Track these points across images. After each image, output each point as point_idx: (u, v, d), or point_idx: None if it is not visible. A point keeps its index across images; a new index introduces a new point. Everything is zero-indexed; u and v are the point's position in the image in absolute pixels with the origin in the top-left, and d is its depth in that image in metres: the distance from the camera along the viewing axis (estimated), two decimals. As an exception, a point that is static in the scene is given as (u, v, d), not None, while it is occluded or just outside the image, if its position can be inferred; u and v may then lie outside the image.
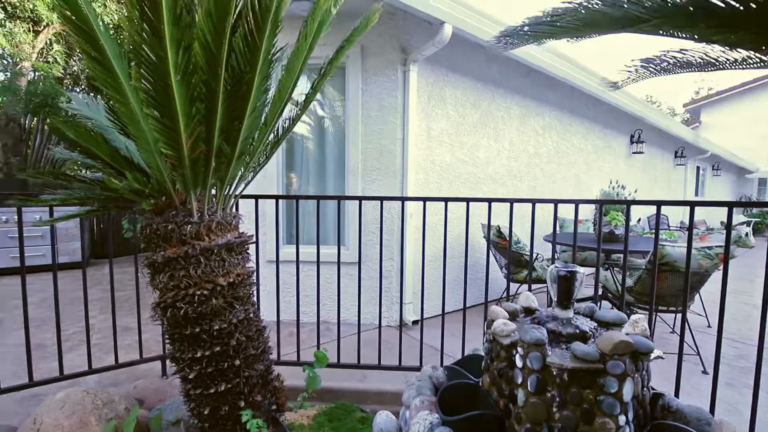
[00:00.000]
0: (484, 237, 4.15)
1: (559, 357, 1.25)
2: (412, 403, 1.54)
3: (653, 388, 1.52)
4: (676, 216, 10.39)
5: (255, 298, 2.21)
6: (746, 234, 11.94)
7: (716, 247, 3.29)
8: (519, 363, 1.34)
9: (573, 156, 5.97)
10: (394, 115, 3.69)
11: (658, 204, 2.19)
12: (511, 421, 1.38)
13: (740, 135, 16.45)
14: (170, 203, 1.93)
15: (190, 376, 1.94)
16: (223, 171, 1.93)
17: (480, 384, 1.59)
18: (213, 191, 2.01)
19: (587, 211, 6.58)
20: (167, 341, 2.02)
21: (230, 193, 2.12)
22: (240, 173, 2.11)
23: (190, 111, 1.63)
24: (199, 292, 1.87)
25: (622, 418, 1.25)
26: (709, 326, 4.20)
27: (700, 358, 3.34)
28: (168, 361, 2.60)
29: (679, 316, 3.93)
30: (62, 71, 8.05)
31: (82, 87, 8.50)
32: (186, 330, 1.91)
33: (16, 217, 5.60)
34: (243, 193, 2.56)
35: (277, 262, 2.73)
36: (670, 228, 9.12)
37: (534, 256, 3.66)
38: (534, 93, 5.07)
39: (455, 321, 3.04)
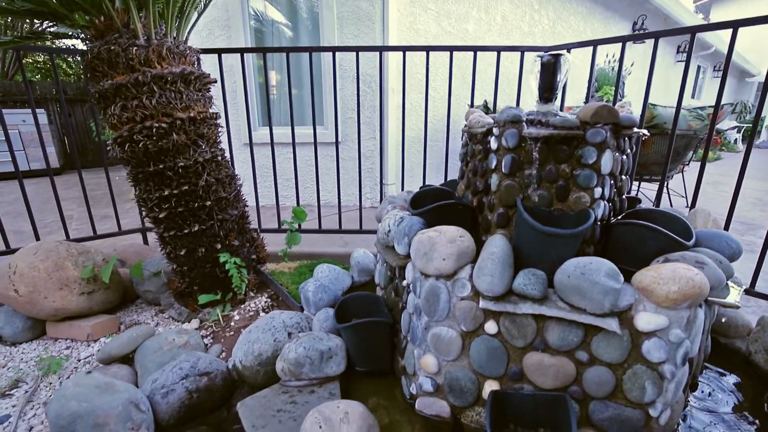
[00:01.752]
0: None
1: (536, 130, 1.17)
2: (385, 209, 1.50)
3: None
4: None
5: (224, 147, 2.09)
6: (735, 140, 11.92)
7: (708, 107, 3.17)
8: (494, 145, 1.26)
9: (569, 39, 5.58)
10: (371, -28, 3.26)
11: (656, 36, 2.01)
12: (484, 213, 1.35)
13: (747, 37, 15.60)
14: (111, 24, 1.70)
15: (161, 216, 1.88)
16: (165, -18, 1.68)
17: (455, 192, 1.54)
18: (158, 10, 1.76)
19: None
20: (132, 184, 1.93)
21: (180, 20, 1.87)
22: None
23: None
24: (157, 125, 1.73)
25: (597, 190, 1.21)
26: (687, 206, 4.27)
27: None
28: (153, 235, 2.53)
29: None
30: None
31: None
32: (149, 167, 1.80)
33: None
34: (205, 47, 2.32)
35: (251, 142, 2.56)
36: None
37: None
38: (531, -39, 4.55)
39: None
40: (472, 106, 2.98)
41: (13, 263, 1.91)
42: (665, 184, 2.53)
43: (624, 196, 1.40)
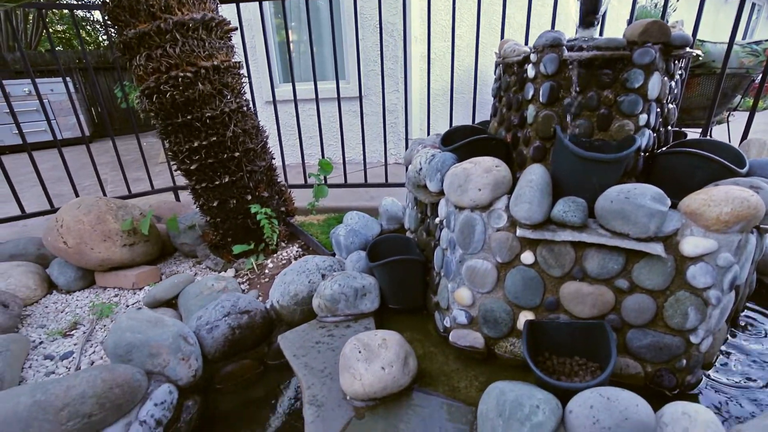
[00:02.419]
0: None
1: (577, 53, 1.09)
2: (415, 149, 1.47)
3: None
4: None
5: (249, 98, 2.07)
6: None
7: (765, 41, 2.88)
8: (531, 73, 1.19)
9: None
10: None
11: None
12: (519, 148, 1.30)
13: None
14: (129, -30, 1.67)
15: (192, 167, 1.91)
16: None
17: (486, 128, 1.49)
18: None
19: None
20: (162, 137, 1.96)
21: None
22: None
23: None
24: (182, 74, 1.73)
25: (642, 117, 1.14)
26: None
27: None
28: (188, 192, 2.58)
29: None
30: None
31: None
32: (178, 119, 1.82)
33: (8, 89, 5.41)
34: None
35: (274, 99, 2.52)
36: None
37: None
38: None
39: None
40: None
41: (59, 217, 2.01)
42: (710, 130, 2.37)
43: (669, 128, 1.32)
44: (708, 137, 1.26)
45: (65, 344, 1.65)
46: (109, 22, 1.77)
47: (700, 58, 2.85)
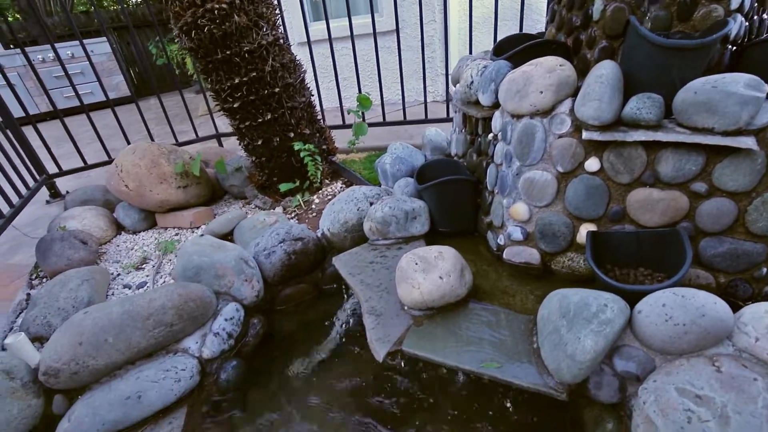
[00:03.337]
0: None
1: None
2: (464, 64, 1.38)
3: None
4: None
5: (282, 29, 2.01)
6: None
7: None
8: (600, -42, 1.05)
9: None
10: None
11: None
12: (581, 52, 1.18)
13: None
14: None
15: (235, 106, 1.92)
16: None
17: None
18: None
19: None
20: (203, 78, 1.98)
21: None
22: None
23: None
24: (217, 6, 1.69)
25: (734, 0, 0.98)
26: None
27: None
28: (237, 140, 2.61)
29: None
30: None
31: None
32: (217, 54, 1.80)
33: (51, 54, 5.60)
34: None
35: (308, 38, 2.42)
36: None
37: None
38: None
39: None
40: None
41: (118, 162, 2.12)
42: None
43: (766, 16, 1.14)
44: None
45: (138, 276, 1.80)
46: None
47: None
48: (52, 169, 2.67)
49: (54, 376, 1.08)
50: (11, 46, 5.64)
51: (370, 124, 2.64)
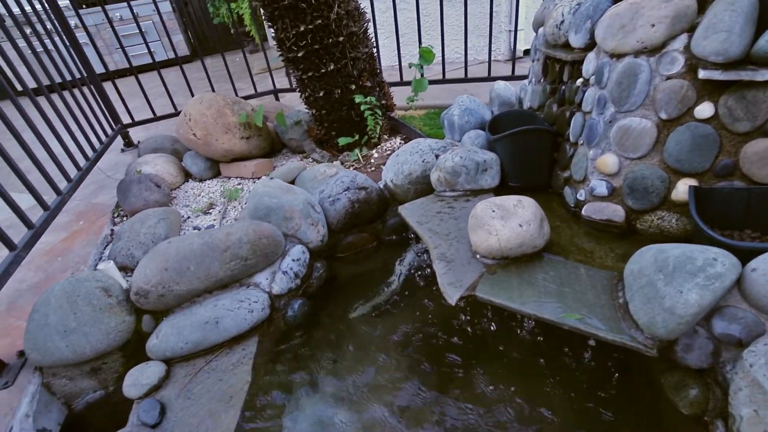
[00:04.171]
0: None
1: None
2: (551, 6, 1.26)
3: None
4: None
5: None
6: None
7: None
8: None
9: None
10: None
11: None
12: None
13: None
14: None
15: (299, 54, 1.91)
16: None
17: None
18: None
19: None
20: (268, 26, 1.97)
21: None
22: None
23: None
24: (286, -52, 1.65)
25: None
26: None
27: None
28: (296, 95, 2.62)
29: None
30: None
31: None
32: (284, 1, 1.78)
33: (117, 14, 5.84)
34: None
35: None
36: None
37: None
38: None
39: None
40: None
41: (186, 112, 2.20)
42: None
43: None
44: None
45: (206, 219, 1.90)
46: None
47: None
48: (126, 120, 2.85)
49: (144, 296, 1.18)
50: (84, 6, 5.92)
51: (430, 82, 2.54)
